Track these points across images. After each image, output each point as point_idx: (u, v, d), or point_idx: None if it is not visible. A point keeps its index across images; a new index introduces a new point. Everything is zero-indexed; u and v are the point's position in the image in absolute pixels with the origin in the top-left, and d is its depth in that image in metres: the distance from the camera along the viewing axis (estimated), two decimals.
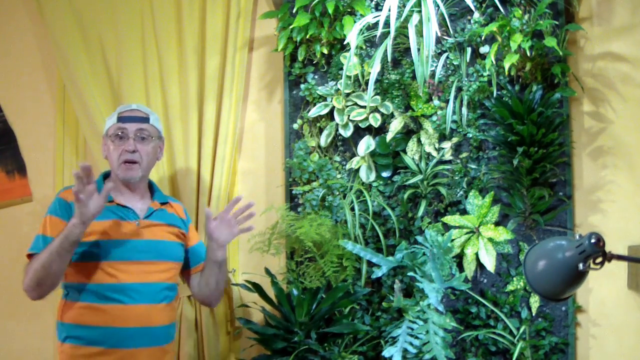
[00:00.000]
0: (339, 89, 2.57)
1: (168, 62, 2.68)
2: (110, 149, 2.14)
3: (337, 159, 2.62)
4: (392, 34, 2.29)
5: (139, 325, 2.06)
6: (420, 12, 2.27)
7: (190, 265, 2.29)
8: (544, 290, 1.51)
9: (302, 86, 2.62)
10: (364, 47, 2.59)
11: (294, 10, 2.56)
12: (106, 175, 2.22)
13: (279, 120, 2.74)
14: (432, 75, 2.48)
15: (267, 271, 2.52)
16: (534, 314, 2.42)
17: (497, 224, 2.45)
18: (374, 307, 2.53)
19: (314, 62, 2.63)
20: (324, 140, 2.60)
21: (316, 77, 2.64)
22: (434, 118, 2.51)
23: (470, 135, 2.49)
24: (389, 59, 2.43)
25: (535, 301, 2.42)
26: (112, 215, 2.10)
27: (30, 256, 2.05)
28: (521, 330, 2.39)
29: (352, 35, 2.36)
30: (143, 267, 2.10)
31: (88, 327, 2.04)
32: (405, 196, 2.50)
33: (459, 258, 2.47)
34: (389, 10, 2.26)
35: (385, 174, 2.55)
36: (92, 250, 2.06)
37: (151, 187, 2.27)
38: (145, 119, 2.17)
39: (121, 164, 2.12)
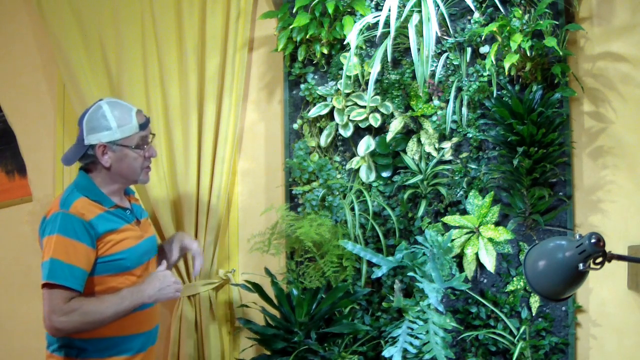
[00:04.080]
0: (339, 89, 2.57)
1: (168, 62, 2.68)
2: (130, 158, 2.02)
3: (337, 159, 2.62)
4: (392, 34, 2.29)
5: (149, 329, 2.08)
6: (420, 12, 2.27)
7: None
8: (544, 290, 1.51)
9: (302, 86, 2.62)
10: (364, 47, 2.59)
11: (294, 10, 2.55)
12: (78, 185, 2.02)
13: (279, 120, 2.73)
14: (432, 75, 2.48)
15: (267, 271, 2.52)
16: (534, 314, 2.42)
17: (497, 224, 2.45)
18: (374, 307, 2.53)
19: (314, 62, 2.63)
20: (324, 140, 2.60)
21: (316, 77, 2.64)
22: (434, 118, 2.51)
23: (470, 135, 2.49)
24: (389, 59, 2.43)
25: (535, 301, 2.42)
26: (121, 220, 2.02)
27: (52, 286, 1.83)
28: (521, 330, 2.39)
29: (352, 35, 2.36)
30: (149, 267, 2.10)
31: (111, 338, 1.98)
32: (405, 196, 2.50)
33: (459, 258, 2.47)
34: (389, 10, 2.26)
35: (385, 174, 2.55)
36: (117, 263, 1.97)
37: None
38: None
39: (144, 169, 2.07)
